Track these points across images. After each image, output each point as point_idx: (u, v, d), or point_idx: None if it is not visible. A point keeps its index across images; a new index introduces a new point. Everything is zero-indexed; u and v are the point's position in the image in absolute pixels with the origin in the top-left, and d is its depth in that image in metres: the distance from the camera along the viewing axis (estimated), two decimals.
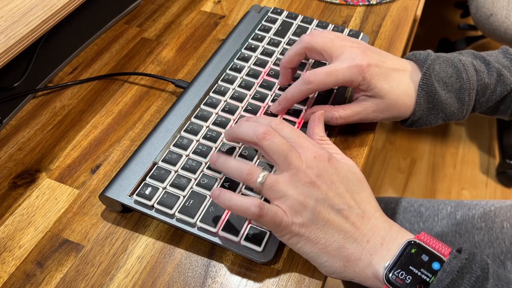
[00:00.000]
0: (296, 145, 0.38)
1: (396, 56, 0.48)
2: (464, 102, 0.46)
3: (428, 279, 0.33)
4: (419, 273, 0.34)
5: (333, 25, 0.58)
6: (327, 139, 0.43)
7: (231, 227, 0.39)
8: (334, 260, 0.36)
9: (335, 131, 0.50)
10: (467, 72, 0.46)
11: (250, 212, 0.35)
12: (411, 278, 0.34)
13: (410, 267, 0.34)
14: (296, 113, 0.48)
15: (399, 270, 0.34)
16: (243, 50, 0.55)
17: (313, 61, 0.54)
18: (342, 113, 0.46)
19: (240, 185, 0.42)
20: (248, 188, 0.42)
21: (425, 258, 0.34)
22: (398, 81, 0.45)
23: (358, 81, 0.44)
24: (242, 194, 0.42)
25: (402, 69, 0.46)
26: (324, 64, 0.53)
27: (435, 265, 0.34)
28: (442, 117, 0.47)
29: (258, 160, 0.43)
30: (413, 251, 0.35)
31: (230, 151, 0.44)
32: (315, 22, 0.59)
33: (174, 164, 0.43)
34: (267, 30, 0.58)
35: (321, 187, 0.36)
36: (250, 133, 0.39)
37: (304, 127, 0.47)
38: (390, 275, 0.34)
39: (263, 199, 0.41)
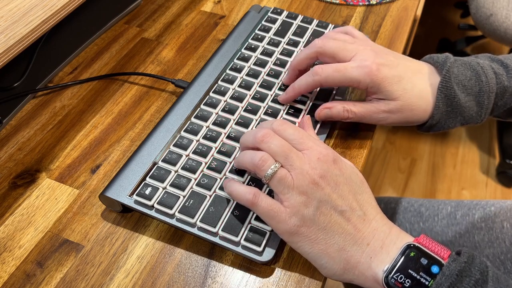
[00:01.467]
0: (300, 145, 0.38)
1: (411, 58, 0.47)
2: (483, 105, 0.46)
3: (427, 283, 0.33)
4: (418, 277, 0.34)
5: (333, 25, 0.58)
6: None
7: (231, 227, 0.39)
8: (334, 262, 0.36)
9: (335, 131, 0.50)
10: (486, 75, 0.45)
11: (244, 199, 0.37)
12: (410, 281, 0.34)
13: (409, 270, 0.34)
14: (296, 113, 0.48)
15: (398, 273, 0.34)
16: (243, 50, 0.55)
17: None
18: (353, 107, 0.46)
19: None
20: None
21: (424, 261, 0.34)
22: (412, 83, 0.45)
23: (366, 83, 0.44)
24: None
25: (418, 71, 0.46)
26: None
27: (434, 269, 0.34)
28: (461, 121, 0.46)
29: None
30: (412, 254, 0.35)
31: (230, 151, 0.44)
32: (315, 22, 0.59)
33: (174, 164, 0.43)
34: (267, 30, 0.58)
35: (324, 188, 0.36)
36: (251, 138, 0.39)
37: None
38: (389, 278, 0.34)
39: (266, 191, 0.41)
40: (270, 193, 0.41)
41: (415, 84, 0.45)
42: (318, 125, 0.48)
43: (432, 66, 0.47)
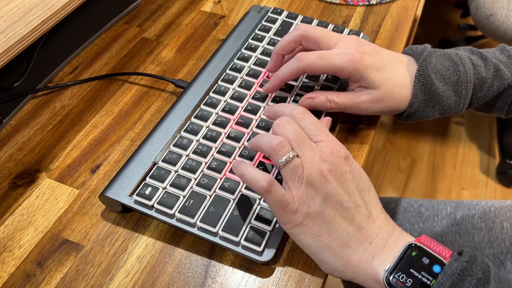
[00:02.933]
0: (315, 137, 0.38)
1: (391, 51, 0.48)
2: (461, 95, 0.46)
3: (429, 282, 0.33)
4: (419, 276, 0.33)
5: (333, 25, 0.58)
6: None
7: (231, 227, 0.39)
8: (336, 257, 0.36)
9: (335, 130, 0.50)
10: (464, 65, 0.46)
11: (259, 185, 0.35)
12: (411, 281, 0.33)
13: (411, 270, 0.34)
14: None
15: (400, 273, 0.34)
16: (243, 50, 0.55)
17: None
18: (336, 98, 0.46)
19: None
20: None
21: (425, 261, 0.34)
22: (393, 71, 0.45)
23: (350, 70, 0.44)
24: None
25: (398, 60, 0.47)
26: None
27: (436, 268, 0.34)
28: (439, 110, 0.47)
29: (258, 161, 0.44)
30: (413, 254, 0.35)
31: (230, 151, 0.44)
32: (315, 22, 0.59)
33: (174, 164, 0.43)
34: (267, 30, 0.58)
35: (331, 182, 0.36)
36: (279, 117, 0.39)
37: None
38: (391, 278, 0.34)
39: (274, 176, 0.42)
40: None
41: (396, 72, 0.46)
42: None
43: (411, 56, 0.48)
